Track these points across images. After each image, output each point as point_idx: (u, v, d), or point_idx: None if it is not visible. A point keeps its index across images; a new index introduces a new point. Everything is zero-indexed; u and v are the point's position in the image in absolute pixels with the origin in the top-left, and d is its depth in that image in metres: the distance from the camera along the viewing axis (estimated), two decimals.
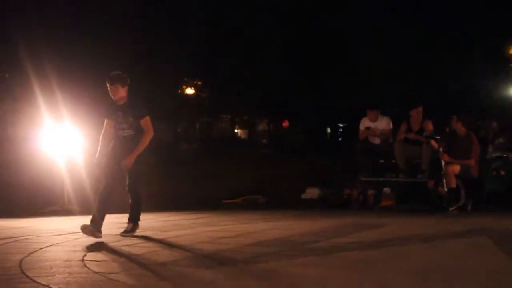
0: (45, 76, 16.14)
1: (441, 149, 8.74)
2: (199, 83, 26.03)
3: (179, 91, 25.59)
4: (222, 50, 23.44)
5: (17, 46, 18.30)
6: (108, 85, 5.85)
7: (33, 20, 19.79)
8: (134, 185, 6.09)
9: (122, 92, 5.95)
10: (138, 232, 6.64)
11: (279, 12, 23.96)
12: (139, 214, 6.16)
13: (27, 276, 4.54)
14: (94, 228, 5.73)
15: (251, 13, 23.22)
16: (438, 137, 8.95)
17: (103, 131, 5.98)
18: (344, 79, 22.83)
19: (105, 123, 5.99)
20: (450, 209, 8.49)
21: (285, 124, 30.86)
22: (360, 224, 7.46)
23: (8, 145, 17.34)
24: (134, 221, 6.11)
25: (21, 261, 5.10)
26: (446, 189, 8.55)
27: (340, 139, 28.01)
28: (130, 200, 6.20)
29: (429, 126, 9.20)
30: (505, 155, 9.91)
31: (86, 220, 6.59)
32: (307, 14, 24.24)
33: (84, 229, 5.82)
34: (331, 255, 5.18)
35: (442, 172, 8.64)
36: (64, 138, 9.76)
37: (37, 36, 18.74)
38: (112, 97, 6.01)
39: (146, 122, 5.87)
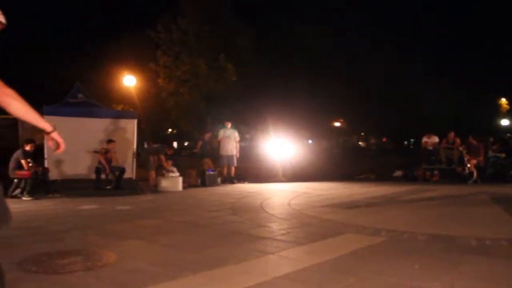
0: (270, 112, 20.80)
1: (464, 152, 12.67)
2: (341, 120, 41.24)
3: (331, 124, 40.34)
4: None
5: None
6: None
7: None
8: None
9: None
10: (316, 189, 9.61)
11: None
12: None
13: (263, 210, 6.59)
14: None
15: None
16: (462, 146, 12.61)
17: None
18: (414, 122, 31.63)
19: None
20: (468, 182, 12.01)
21: (384, 139, 44.74)
22: (422, 189, 10.14)
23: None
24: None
25: (261, 203, 7.23)
26: (467, 172, 12.35)
27: (411, 147, 38.62)
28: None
29: (457, 140, 13.00)
30: (497, 155, 13.01)
31: (290, 186, 10.02)
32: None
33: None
34: (409, 202, 7.52)
35: (465, 163, 12.49)
36: (279, 145, 13.64)
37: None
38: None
39: None
